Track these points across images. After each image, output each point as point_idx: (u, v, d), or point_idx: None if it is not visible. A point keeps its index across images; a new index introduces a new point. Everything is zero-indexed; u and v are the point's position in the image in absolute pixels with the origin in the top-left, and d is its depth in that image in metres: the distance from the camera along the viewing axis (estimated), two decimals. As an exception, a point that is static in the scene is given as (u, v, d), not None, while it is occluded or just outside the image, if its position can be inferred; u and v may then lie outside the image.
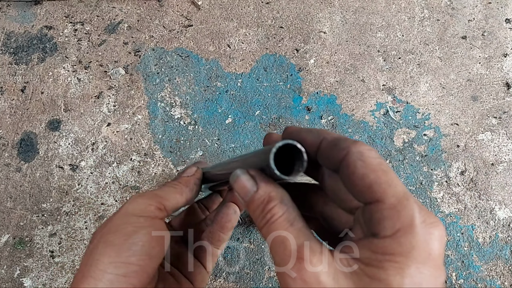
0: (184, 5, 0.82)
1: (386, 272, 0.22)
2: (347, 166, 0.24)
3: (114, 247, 0.29)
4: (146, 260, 0.30)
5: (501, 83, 0.75)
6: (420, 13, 0.81)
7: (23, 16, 0.81)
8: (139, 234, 0.30)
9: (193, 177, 0.37)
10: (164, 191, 0.35)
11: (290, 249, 0.24)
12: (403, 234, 0.22)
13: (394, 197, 0.23)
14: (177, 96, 0.75)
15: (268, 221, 0.25)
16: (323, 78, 0.76)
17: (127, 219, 0.31)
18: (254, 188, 0.27)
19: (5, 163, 0.70)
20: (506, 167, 0.69)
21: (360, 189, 0.24)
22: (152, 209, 0.32)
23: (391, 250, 0.22)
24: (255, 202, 0.26)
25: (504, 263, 0.64)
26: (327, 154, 0.26)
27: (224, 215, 0.38)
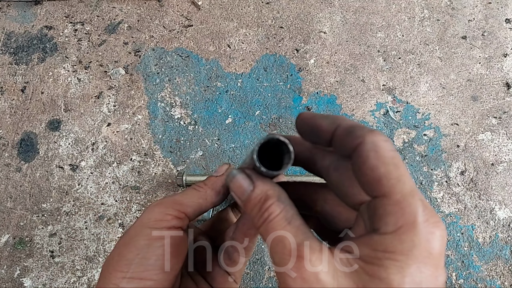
0: (184, 5, 0.82)
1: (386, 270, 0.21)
2: (359, 155, 0.23)
3: (126, 261, 0.29)
4: (160, 274, 0.29)
5: (501, 83, 0.75)
6: (420, 13, 0.81)
7: (23, 16, 0.81)
8: (152, 248, 0.29)
9: (221, 177, 0.34)
10: (186, 195, 0.32)
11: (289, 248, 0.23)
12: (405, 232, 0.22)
13: (401, 193, 0.22)
14: (177, 96, 0.75)
15: (265, 220, 0.25)
16: (323, 78, 0.76)
17: (141, 231, 0.30)
18: (250, 187, 0.27)
19: (5, 163, 0.70)
20: (506, 167, 0.69)
21: (369, 181, 0.23)
22: (169, 218, 0.30)
23: (392, 247, 0.22)
24: (252, 201, 0.26)
25: (504, 263, 0.64)
26: (341, 141, 0.25)
27: (246, 221, 0.35)
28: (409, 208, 0.22)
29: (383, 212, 0.22)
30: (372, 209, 0.23)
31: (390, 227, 0.22)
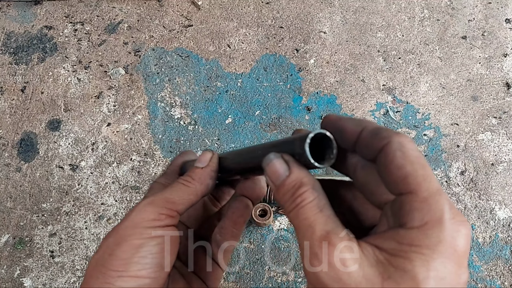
0: (184, 5, 0.82)
1: (412, 263, 0.22)
2: (386, 155, 0.24)
3: (122, 261, 0.29)
4: (157, 272, 0.30)
5: (501, 83, 0.75)
6: (420, 13, 0.81)
7: (23, 16, 0.81)
8: (148, 247, 0.29)
9: (208, 169, 0.34)
10: (176, 192, 0.32)
11: (319, 234, 0.24)
12: (431, 227, 0.22)
13: (427, 191, 0.23)
14: (177, 96, 0.75)
15: (298, 205, 0.26)
16: (323, 78, 0.76)
17: (134, 231, 0.30)
18: (286, 172, 0.27)
19: (5, 163, 0.70)
20: (506, 167, 0.69)
21: (395, 179, 0.24)
22: (162, 218, 0.30)
23: (418, 241, 0.22)
24: (286, 186, 0.27)
25: (504, 263, 0.64)
26: (367, 142, 0.26)
27: (236, 210, 0.35)
28: (435, 205, 0.23)
29: (409, 208, 0.23)
30: (397, 206, 0.24)
31: (416, 222, 0.22)
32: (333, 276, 0.23)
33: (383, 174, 0.25)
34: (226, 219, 0.36)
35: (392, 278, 0.22)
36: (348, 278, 0.22)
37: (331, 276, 0.23)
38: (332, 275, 0.23)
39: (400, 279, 0.22)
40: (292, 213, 0.26)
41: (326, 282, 0.23)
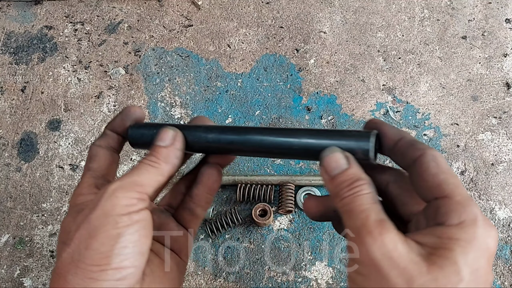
0: (184, 5, 0.82)
1: (452, 252, 0.25)
2: (421, 164, 0.28)
3: (102, 254, 0.28)
4: (140, 259, 0.29)
5: (501, 83, 0.75)
6: (420, 13, 0.81)
7: (23, 16, 0.82)
8: (127, 236, 0.28)
9: (172, 148, 0.33)
10: (144, 174, 0.31)
11: (374, 218, 0.27)
12: (467, 226, 0.26)
13: (460, 196, 0.27)
14: (177, 96, 0.75)
15: (355, 193, 0.28)
16: (323, 78, 0.76)
17: (108, 220, 0.28)
18: (346, 165, 0.29)
19: (5, 163, 0.70)
20: (506, 167, 0.69)
21: (431, 185, 0.28)
22: (134, 202, 0.29)
23: (457, 236, 0.25)
24: (345, 177, 0.29)
25: (504, 263, 0.64)
26: (404, 150, 0.30)
27: (211, 176, 0.36)
28: (469, 208, 0.26)
29: (446, 209, 0.27)
30: (433, 208, 0.27)
31: (454, 221, 0.26)
32: (385, 253, 0.25)
33: (417, 181, 0.29)
34: (200, 185, 0.36)
35: (436, 264, 0.25)
36: (398, 257, 0.25)
37: (383, 253, 0.25)
38: (384, 251, 0.25)
39: (443, 264, 0.25)
40: (348, 199, 0.28)
41: (378, 258, 0.25)
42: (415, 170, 0.29)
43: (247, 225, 0.66)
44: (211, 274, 0.63)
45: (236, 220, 0.64)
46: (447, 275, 0.24)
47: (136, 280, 0.29)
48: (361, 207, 0.28)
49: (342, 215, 0.29)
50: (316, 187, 0.67)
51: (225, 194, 0.68)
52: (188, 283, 0.63)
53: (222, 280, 0.63)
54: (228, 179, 0.66)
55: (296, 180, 0.66)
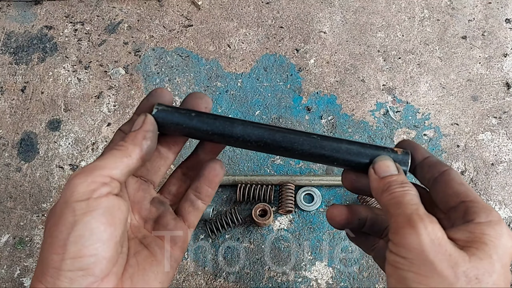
0: (184, 5, 0.82)
1: (487, 246, 0.29)
2: (449, 174, 0.34)
3: (59, 242, 0.27)
4: (100, 247, 0.28)
5: (501, 83, 0.75)
6: (420, 13, 0.81)
7: (23, 16, 0.82)
8: (82, 223, 0.28)
9: (141, 130, 0.33)
10: (107, 158, 0.30)
11: (423, 211, 0.30)
12: (494, 224, 0.30)
13: (483, 201, 0.32)
14: (177, 96, 0.75)
15: (405, 190, 0.32)
16: (323, 78, 0.76)
17: (67, 208, 0.28)
18: (395, 171, 0.34)
19: (5, 163, 0.70)
20: (506, 167, 0.69)
21: (457, 191, 0.33)
22: (94, 187, 0.29)
23: (488, 231, 0.29)
24: (394, 179, 0.33)
25: (504, 263, 0.64)
26: (431, 164, 0.35)
27: (212, 170, 0.37)
28: (494, 211, 0.31)
29: (475, 209, 0.31)
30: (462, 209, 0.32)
31: (483, 219, 0.30)
32: (434, 239, 0.28)
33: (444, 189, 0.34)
34: (201, 178, 0.37)
35: (475, 255, 0.28)
36: (445, 244, 0.28)
37: (431, 239, 0.28)
38: (434, 238, 0.28)
39: (481, 255, 0.28)
40: (398, 193, 0.32)
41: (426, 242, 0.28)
42: (441, 179, 0.34)
43: (247, 225, 0.66)
44: (211, 274, 0.63)
45: (236, 220, 0.64)
46: (485, 265, 0.28)
47: (100, 270, 0.28)
48: (412, 201, 0.31)
49: (388, 207, 0.32)
50: (316, 187, 0.67)
51: (225, 194, 0.68)
52: (188, 283, 0.63)
53: (222, 280, 0.63)
54: (228, 179, 0.66)
55: (296, 180, 0.66)
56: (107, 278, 0.29)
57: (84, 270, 0.28)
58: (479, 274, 0.28)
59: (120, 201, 0.30)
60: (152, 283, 0.32)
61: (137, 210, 0.36)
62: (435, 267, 0.28)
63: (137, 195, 0.36)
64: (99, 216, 0.28)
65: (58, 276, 0.27)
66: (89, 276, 0.28)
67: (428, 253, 0.28)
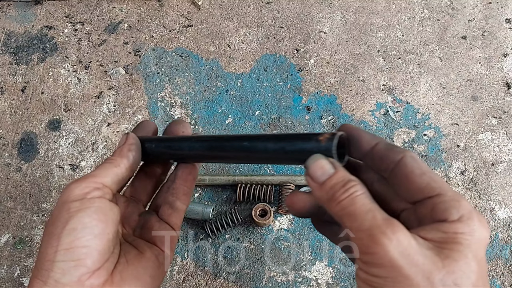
0: (184, 5, 0.82)
1: (461, 245, 0.27)
2: (405, 166, 0.29)
3: (54, 236, 0.30)
4: (92, 240, 0.31)
5: (501, 83, 0.75)
6: (420, 13, 0.81)
7: (23, 16, 0.82)
8: (76, 218, 0.31)
9: (125, 144, 0.37)
10: (99, 169, 0.35)
11: (382, 217, 0.27)
12: (466, 219, 0.27)
13: (451, 192, 0.28)
14: (177, 96, 0.75)
15: (352, 194, 0.29)
16: (323, 78, 0.76)
17: (63, 207, 0.32)
18: (332, 170, 0.30)
19: (5, 163, 0.70)
20: (506, 167, 0.69)
21: (419, 186, 0.29)
22: (87, 190, 0.32)
23: (461, 230, 0.27)
24: (334, 180, 0.30)
25: (504, 263, 0.64)
26: (382, 154, 0.31)
27: (185, 169, 0.39)
28: (463, 202, 0.28)
29: (444, 206, 0.28)
30: (429, 206, 0.29)
31: (454, 216, 0.27)
32: (403, 251, 0.26)
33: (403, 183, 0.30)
34: (176, 179, 0.39)
35: (450, 257, 0.26)
36: (415, 254, 0.26)
37: (400, 251, 0.26)
38: (402, 249, 0.26)
39: (456, 257, 0.26)
40: (346, 201, 0.29)
41: (395, 256, 0.26)
42: (398, 172, 0.30)
43: (247, 225, 0.66)
44: (211, 274, 0.63)
45: (236, 220, 0.64)
46: (461, 267, 0.26)
47: (92, 261, 0.30)
48: (364, 207, 0.28)
49: (342, 219, 0.29)
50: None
51: (225, 194, 0.68)
52: (188, 283, 0.63)
53: (222, 280, 0.63)
54: (228, 179, 0.66)
55: (296, 180, 0.66)
56: (98, 272, 0.31)
57: (76, 261, 0.30)
58: (457, 278, 0.26)
59: (112, 204, 0.34)
60: (142, 277, 0.34)
61: (127, 223, 0.39)
62: (411, 281, 0.26)
63: (126, 211, 0.39)
64: (92, 213, 0.31)
65: (52, 268, 0.30)
66: (81, 267, 0.30)
67: (401, 268, 0.26)
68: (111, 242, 0.32)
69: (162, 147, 0.39)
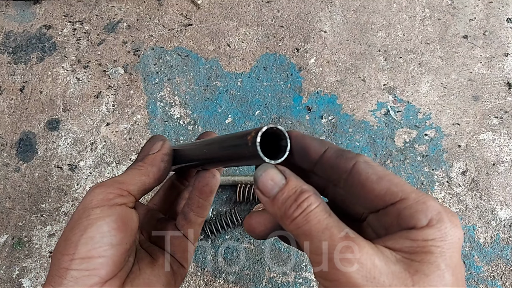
0: (183, 4, 0.82)
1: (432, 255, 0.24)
2: (359, 174, 0.26)
3: (72, 244, 0.29)
4: (109, 250, 0.30)
5: (502, 82, 0.75)
6: (421, 12, 0.81)
7: (22, 15, 0.81)
8: (95, 226, 0.30)
9: (159, 153, 0.35)
10: (127, 175, 0.33)
11: (340, 235, 0.24)
12: (436, 223, 0.24)
13: (414, 194, 0.25)
14: (176, 95, 0.74)
15: (305, 209, 0.25)
16: (324, 77, 0.76)
17: (83, 213, 0.30)
18: (283, 181, 0.27)
19: (4, 163, 0.70)
20: (507, 167, 0.69)
21: (378, 193, 0.26)
22: (111, 197, 0.31)
23: (432, 236, 0.24)
24: (286, 193, 0.26)
25: (505, 264, 0.63)
26: (332, 162, 0.27)
27: (202, 179, 0.37)
28: (430, 202, 0.25)
29: (409, 212, 0.25)
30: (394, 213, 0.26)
31: (423, 222, 0.24)
32: (366, 275, 0.23)
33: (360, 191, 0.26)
34: (192, 189, 0.37)
35: (419, 271, 0.23)
36: (380, 275, 0.23)
37: (363, 275, 0.23)
38: (365, 273, 0.23)
39: (427, 270, 0.24)
40: (299, 218, 0.25)
41: (359, 281, 0.23)
42: (353, 181, 0.26)
43: (247, 225, 0.65)
44: (211, 275, 0.63)
45: (236, 221, 0.63)
46: (434, 281, 0.23)
47: (106, 272, 0.30)
48: (319, 225, 0.25)
49: (298, 238, 0.26)
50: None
51: (225, 195, 0.67)
52: (188, 283, 0.62)
53: (222, 281, 0.62)
54: (228, 179, 0.66)
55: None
56: (110, 281, 0.30)
57: (90, 270, 0.29)
58: None
59: (133, 213, 0.33)
60: (154, 285, 0.34)
61: (144, 229, 0.38)
62: None
63: (146, 217, 0.39)
64: (112, 222, 0.30)
65: (65, 276, 0.29)
66: (94, 276, 0.29)
67: None
68: (127, 252, 0.32)
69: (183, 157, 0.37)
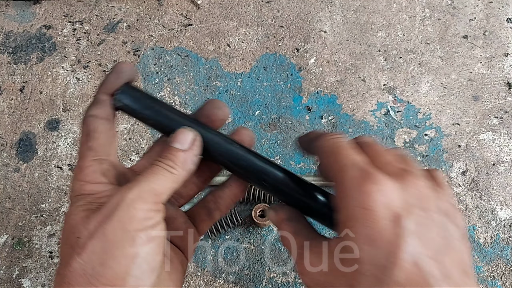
0: (183, 4, 0.82)
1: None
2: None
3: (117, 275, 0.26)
4: (152, 276, 0.28)
5: (502, 82, 0.75)
6: (421, 12, 0.81)
7: (21, 16, 0.81)
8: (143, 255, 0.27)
9: (191, 153, 0.30)
10: (160, 181, 0.29)
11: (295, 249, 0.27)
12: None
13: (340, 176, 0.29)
14: (176, 95, 0.74)
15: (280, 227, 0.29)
16: (324, 77, 0.76)
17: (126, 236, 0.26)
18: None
19: (4, 163, 0.70)
20: (507, 167, 0.69)
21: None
22: (151, 215, 0.28)
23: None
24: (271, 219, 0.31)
25: (506, 264, 0.63)
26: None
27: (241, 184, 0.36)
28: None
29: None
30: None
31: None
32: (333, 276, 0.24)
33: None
34: (227, 189, 0.35)
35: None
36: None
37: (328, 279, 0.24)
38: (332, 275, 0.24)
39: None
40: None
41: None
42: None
43: (247, 225, 0.65)
44: (210, 275, 0.63)
45: (236, 221, 0.63)
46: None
47: None
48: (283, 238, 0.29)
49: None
50: (316, 188, 0.66)
51: (225, 195, 0.67)
52: (188, 284, 0.62)
53: (221, 281, 0.62)
54: (228, 180, 0.66)
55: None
56: None
57: None
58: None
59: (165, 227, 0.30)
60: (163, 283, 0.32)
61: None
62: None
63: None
64: (156, 247, 0.28)
65: None
66: None
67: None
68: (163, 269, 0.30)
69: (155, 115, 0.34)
